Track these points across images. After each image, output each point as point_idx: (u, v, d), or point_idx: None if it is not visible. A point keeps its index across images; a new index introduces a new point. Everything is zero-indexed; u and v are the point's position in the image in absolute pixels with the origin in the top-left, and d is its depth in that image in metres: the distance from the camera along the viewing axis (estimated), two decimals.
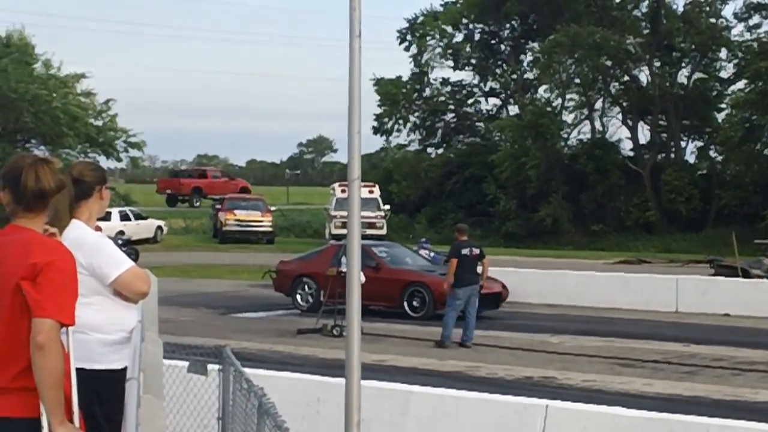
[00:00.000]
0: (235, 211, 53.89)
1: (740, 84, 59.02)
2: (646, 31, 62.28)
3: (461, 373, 17.11)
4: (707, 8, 61.57)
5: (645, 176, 59.54)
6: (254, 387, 6.38)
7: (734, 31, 61.41)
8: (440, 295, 22.73)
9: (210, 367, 8.56)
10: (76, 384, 4.68)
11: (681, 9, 61.89)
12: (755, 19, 59.55)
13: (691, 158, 63.19)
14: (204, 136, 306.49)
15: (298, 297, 26.01)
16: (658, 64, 61.89)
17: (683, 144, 62.93)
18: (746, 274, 31.04)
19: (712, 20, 61.27)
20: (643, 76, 63.19)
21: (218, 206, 55.95)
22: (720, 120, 61.44)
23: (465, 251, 20.65)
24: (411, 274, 25.38)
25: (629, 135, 63.23)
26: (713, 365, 18.35)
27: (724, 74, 61.92)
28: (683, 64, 62.33)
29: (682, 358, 19.18)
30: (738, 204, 55.71)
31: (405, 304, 24.85)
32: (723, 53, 61.60)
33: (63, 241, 4.91)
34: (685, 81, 62.16)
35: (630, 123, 63.31)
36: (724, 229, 48.97)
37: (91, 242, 5.91)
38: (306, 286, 25.90)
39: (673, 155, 62.22)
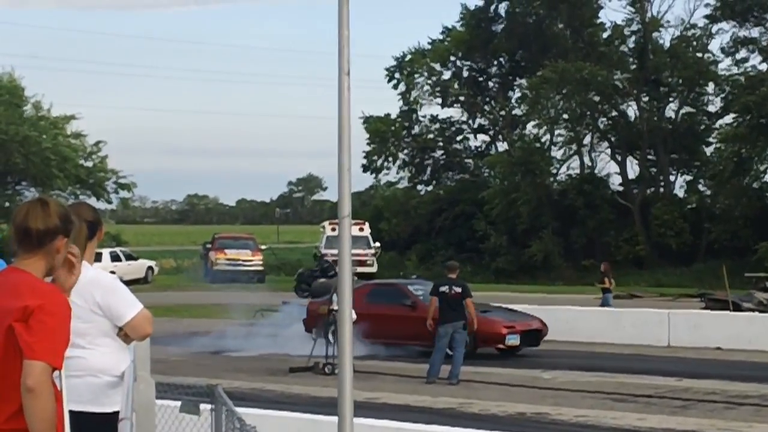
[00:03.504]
0: (226, 251, 53.91)
1: (728, 118, 59.31)
2: (633, 66, 62.58)
3: (454, 409, 17.07)
4: (694, 43, 61.95)
5: (634, 211, 59.66)
6: (247, 426, 6.37)
7: (721, 66, 61.90)
8: (480, 333, 22.60)
9: (202, 406, 8.54)
10: (69, 427, 4.67)
11: (668, 44, 62.27)
12: (742, 53, 60.04)
13: (680, 192, 63.48)
14: (194, 176, 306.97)
15: (331, 337, 25.42)
16: (645, 98, 62.15)
17: (672, 178, 63.18)
18: (737, 308, 31.07)
19: (699, 55, 61.62)
20: (631, 110, 63.58)
21: (209, 246, 55.92)
22: (708, 154, 61.69)
23: (443, 289, 20.63)
24: None
25: (618, 170, 63.50)
26: (706, 399, 18.31)
27: (711, 108, 62.34)
28: (671, 99, 62.61)
29: (674, 392, 19.14)
30: (728, 238, 55.76)
31: None
32: (710, 87, 61.93)
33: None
34: (673, 115, 62.44)
35: (619, 158, 63.51)
36: (714, 263, 49.04)
37: (108, 282, 6.00)
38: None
39: (662, 189, 62.38)
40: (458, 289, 20.51)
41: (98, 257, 45.43)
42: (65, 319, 4.61)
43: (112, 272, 34.60)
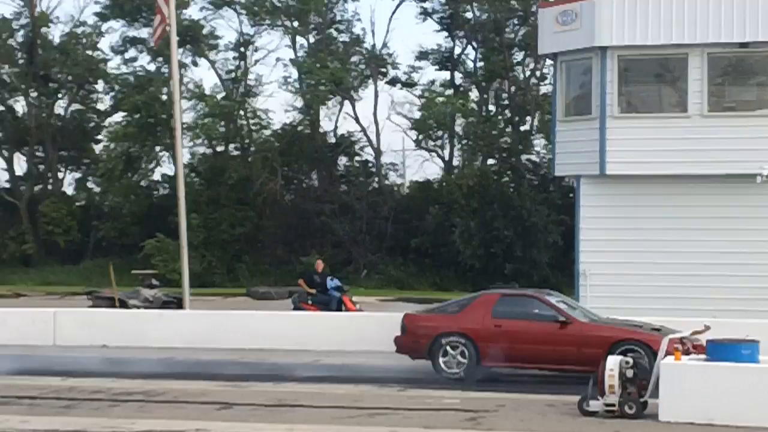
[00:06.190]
0: None
1: (118, 116, 59.88)
2: (22, 61, 61.43)
3: None
4: (84, 40, 61.82)
5: (22, 208, 58.79)
6: None
7: (111, 64, 62.04)
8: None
9: None
10: None
11: (58, 40, 61.75)
12: (132, 52, 60.60)
13: (69, 190, 63.09)
14: None
15: (442, 362, 21.34)
16: (34, 94, 61.23)
17: (61, 175, 62.68)
18: (124, 305, 31.47)
19: (90, 52, 61.62)
20: (20, 106, 62.30)
21: None
22: (98, 152, 61.94)
23: None
24: (617, 330, 20.94)
25: (6, 166, 62.06)
26: (91, 398, 18.33)
27: (101, 106, 62.47)
28: (60, 95, 62.12)
29: (60, 392, 18.99)
30: (117, 235, 56.34)
31: None
32: (101, 85, 62.15)
33: None
34: (62, 112, 62.02)
35: (6, 154, 62.05)
36: (103, 261, 49.45)
37: None
38: (452, 347, 21.27)
39: (50, 186, 61.83)
40: None
41: None
42: None
43: None
